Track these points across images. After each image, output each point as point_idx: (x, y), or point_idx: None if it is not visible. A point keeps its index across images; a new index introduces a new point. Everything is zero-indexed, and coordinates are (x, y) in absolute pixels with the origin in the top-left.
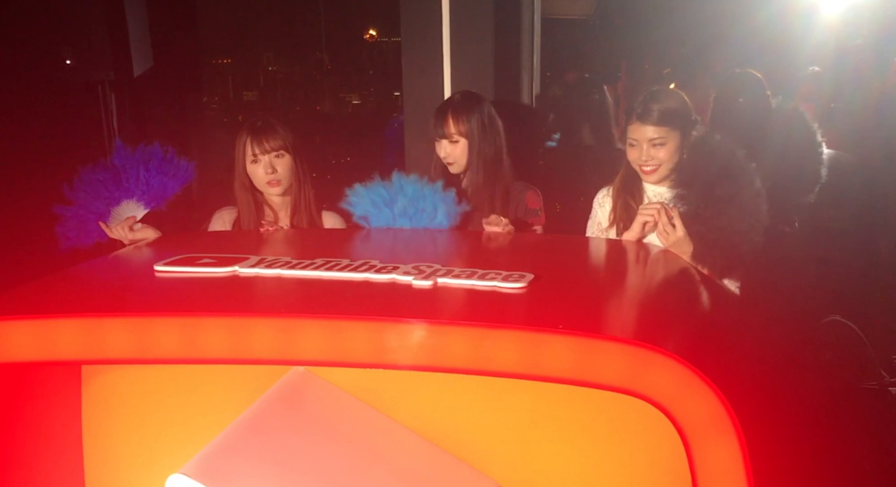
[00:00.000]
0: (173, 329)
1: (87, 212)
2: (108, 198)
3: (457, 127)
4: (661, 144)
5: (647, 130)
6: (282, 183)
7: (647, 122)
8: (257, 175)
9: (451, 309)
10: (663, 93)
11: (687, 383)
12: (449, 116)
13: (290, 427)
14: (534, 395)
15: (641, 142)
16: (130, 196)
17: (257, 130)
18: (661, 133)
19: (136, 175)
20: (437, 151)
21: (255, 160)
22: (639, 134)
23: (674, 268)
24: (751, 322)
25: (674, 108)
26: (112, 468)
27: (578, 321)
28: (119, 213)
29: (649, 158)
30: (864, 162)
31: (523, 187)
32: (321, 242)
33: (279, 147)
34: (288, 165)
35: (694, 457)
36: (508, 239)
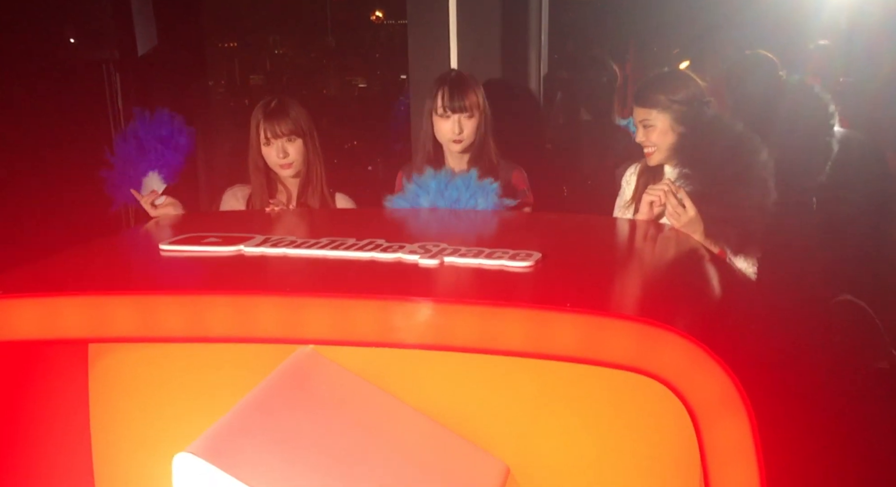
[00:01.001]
0: (178, 308)
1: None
2: (136, 166)
3: (475, 100)
4: (651, 127)
5: (639, 112)
6: (294, 166)
7: (637, 104)
8: (270, 157)
9: (457, 288)
10: (666, 76)
11: (696, 360)
12: (468, 88)
13: (297, 406)
14: (541, 374)
15: (637, 124)
16: (152, 168)
17: (270, 112)
18: (649, 116)
19: (153, 146)
20: (445, 128)
21: (267, 143)
22: (635, 116)
23: (683, 247)
24: (761, 301)
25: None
26: (119, 446)
27: (586, 300)
28: (146, 184)
29: (644, 139)
30: (876, 140)
31: (509, 167)
32: (327, 221)
33: (291, 131)
34: (300, 148)
35: (703, 436)
36: (516, 218)
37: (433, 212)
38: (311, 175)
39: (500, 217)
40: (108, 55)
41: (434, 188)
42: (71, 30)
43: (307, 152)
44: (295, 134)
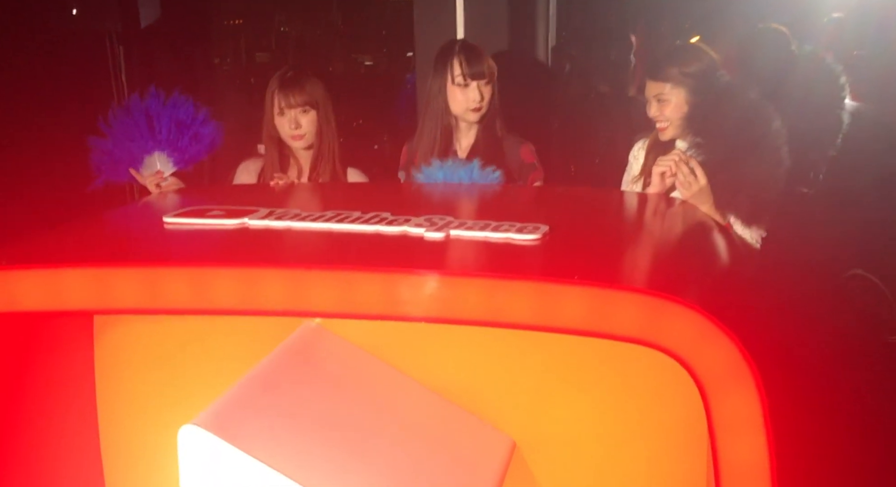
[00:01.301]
0: (182, 280)
1: (121, 151)
2: (142, 144)
3: (491, 65)
4: (665, 101)
5: (653, 87)
6: (306, 138)
7: (653, 78)
8: (283, 128)
9: (463, 261)
10: (682, 50)
11: (705, 333)
12: (482, 54)
13: (303, 380)
14: (548, 348)
15: (650, 98)
16: (161, 148)
17: (285, 82)
18: (664, 90)
19: (167, 128)
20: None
21: (281, 113)
22: (648, 90)
23: (692, 219)
24: (770, 274)
25: (683, 65)
26: (125, 418)
27: (594, 272)
28: (150, 163)
29: (657, 114)
30: (888, 113)
31: (517, 142)
32: (332, 194)
33: (305, 102)
34: (313, 120)
35: (712, 408)
36: (523, 191)
37: (440, 186)
38: (323, 149)
39: (507, 191)
40: (110, 27)
41: (441, 179)
42: (73, 1)
43: (320, 125)
44: (309, 105)
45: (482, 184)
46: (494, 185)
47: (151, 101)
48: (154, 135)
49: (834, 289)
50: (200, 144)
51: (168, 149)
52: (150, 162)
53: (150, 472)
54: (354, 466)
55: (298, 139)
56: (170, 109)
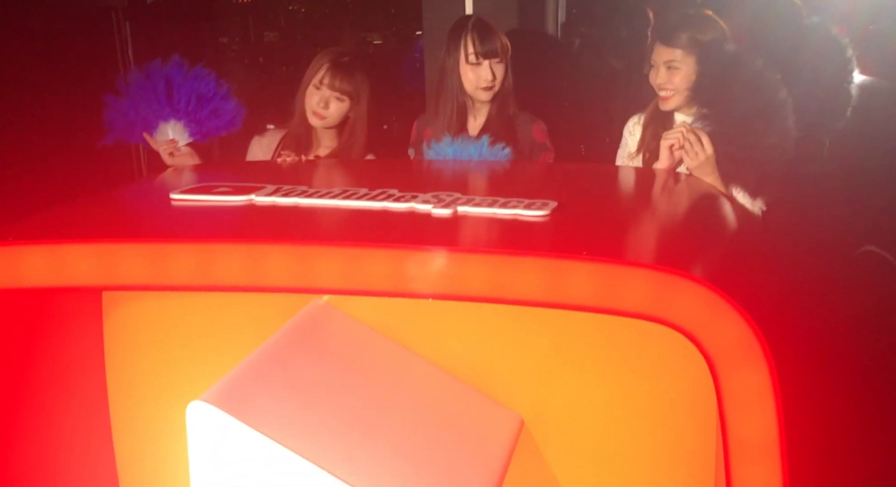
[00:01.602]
0: (188, 256)
1: (135, 113)
2: (158, 110)
3: (503, 43)
4: (675, 68)
5: (664, 52)
6: (326, 121)
7: (666, 43)
8: (311, 100)
9: (470, 237)
10: (694, 18)
11: (714, 308)
12: (495, 31)
13: (311, 357)
14: (555, 325)
15: (659, 64)
16: (179, 118)
17: (338, 65)
18: (676, 56)
19: (187, 99)
20: (476, 75)
21: (318, 87)
22: (657, 56)
23: (701, 194)
24: (781, 249)
25: (697, 32)
26: (135, 394)
27: (602, 248)
28: (164, 130)
29: (665, 81)
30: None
31: (529, 120)
32: (340, 172)
33: (345, 91)
34: (343, 110)
35: (721, 385)
36: (532, 167)
37: (448, 163)
38: (352, 138)
39: (515, 167)
40: (116, 2)
41: (451, 155)
42: None
43: (352, 118)
44: (348, 96)
45: (491, 161)
46: (503, 161)
47: (173, 69)
48: (172, 103)
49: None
50: (220, 119)
51: (185, 119)
52: (164, 129)
53: (160, 448)
54: (362, 443)
55: (319, 118)
56: (191, 80)
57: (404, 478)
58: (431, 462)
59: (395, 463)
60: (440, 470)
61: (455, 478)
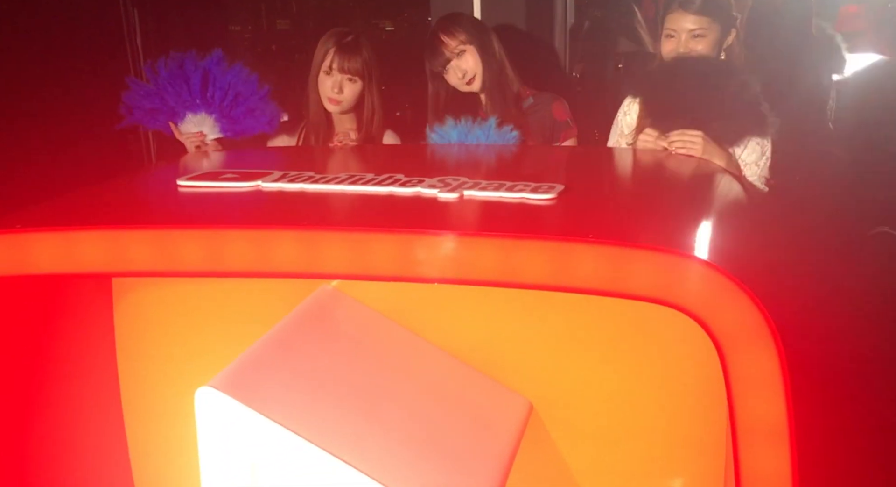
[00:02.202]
0: (195, 242)
1: (161, 101)
2: (189, 101)
3: (456, 39)
4: (700, 36)
5: (688, 20)
6: (342, 104)
7: (689, 9)
8: (324, 86)
9: (477, 221)
10: None
11: (722, 290)
12: (441, 36)
13: (319, 343)
14: (564, 309)
15: (680, 32)
16: (210, 112)
17: (344, 45)
18: (703, 23)
19: (222, 95)
20: (451, 80)
21: (328, 72)
22: (678, 23)
23: (710, 177)
24: (791, 231)
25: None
26: (146, 380)
27: (610, 231)
28: (193, 121)
29: (688, 50)
30: None
31: (548, 99)
32: (346, 157)
33: (355, 71)
34: (356, 90)
35: (729, 368)
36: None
37: (455, 147)
38: (371, 120)
39: (522, 150)
40: None
41: (455, 138)
42: None
43: (370, 97)
44: (359, 76)
45: (498, 144)
46: (509, 145)
47: (212, 62)
48: (206, 96)
49: (858, 246)
50: (256, 120)
51: (217, 114)
52: (192, 120)
53: (171, 433)
54: (371, 428)
55: (335, 104)
56: (231, 76)
57: (413, 463)
58: (440, 446)
59: (403, 448)
60: (449, 455)
61: (464, 462)
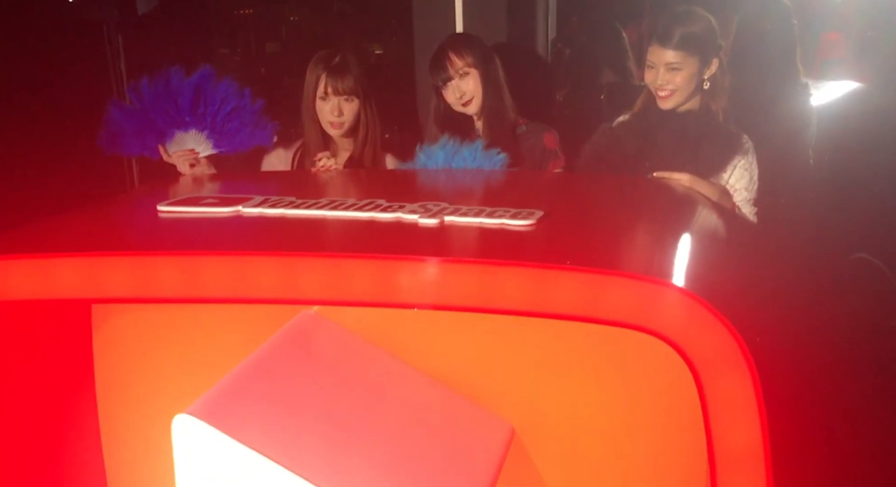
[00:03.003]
0: (174, 268)
1: (147, 122)
2: (177, 119)
3: (463, 60)
4: (677, 69)
5: (666, 54)
6: (344, 126)
7: (667, 45)
8: (323, 112)
9: (456, 246)
10: (687, 14)
11: (697, 317)
12: (450, 53)
13: (299, 368)
14: (544, 333)
15: (659, 65)
16: (202, 128)
17: (333, 68)
18: (679, 58)
19: (214, 111)
20: (449, 97)
21: (324, 98)
22: (657, 57)
23: (688, 203)
24: (768, 258)
25: (696, 32)
26: (125, 407)
27: (587, 257)
28: (184, 140)
29: (665, 81)
30: None
31: (540, 128)
32: (328, 182)
33: (351, 91)
34: (355, 109)
35: (706, 394)
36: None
37: (437, 172)
38: (367, 137)
39: (504, 176)
40: (107, 15)
41: (442, 159)
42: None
43: (364, 114)
44: (354, 94)
45: (481, 169)
46: (494, 170)
47: (202, 78)
48: (196, 113)
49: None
50: (251, 134)
51: (210, 130)
52: (182, 139)
53: (149, 460)
54: (351, 454)
55: (338, 127)
56: (222, 90)
57: None
58: (422, 472)
59: (384, 474)
60: (431, 480)
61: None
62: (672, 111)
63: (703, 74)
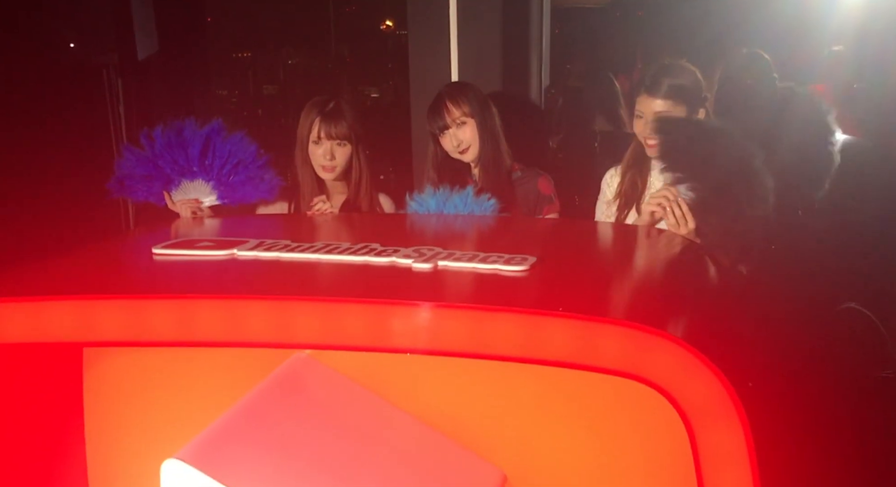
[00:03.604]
0: (167, 311)
1: (156, 169)
2: (185, 168)
3: (460, 109)
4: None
5: (655, 104)
6: (336, 170)
7: (655, 95)
8: (315, 156)
9: (449, 292)
10: (675, 67)
11: (689, 367)
12: (447, 102)
13: (290, 412)
14: (537, 379)
15: (647, 115)
16: (208, 179)
17: (327, 113)
18: (667, 107)
19: (221, 163)
20: (446, 145)
21: (317, 142)
22: (645, 107)
23: (680, 251)
24: (759, 307)
25: (683, 83)
26: (115, 450)
27: (579, 304)
28: (189, 189)
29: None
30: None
31: (535, 174)
32: (323, 226)
33: (343, 136)
34: (347, 154)
35: (697, 443)
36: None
37: (431, 217)
38: (361, 182)
39: (497, 221)
40: (108, 60)
41: (433, 206)
42: (71, 34)
43: (357, 159)
44: (347, 139)
45: (474, 215)
46: (488, 215)
47: (213, 130)
48: (203, 163)
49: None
50: (255, 187)
51: (216, 181)
52: (187, 187)
53: None
54: None
55: (329, 171)
56: (231, 144)
57: None
58: None
59: None
60: None
61: None
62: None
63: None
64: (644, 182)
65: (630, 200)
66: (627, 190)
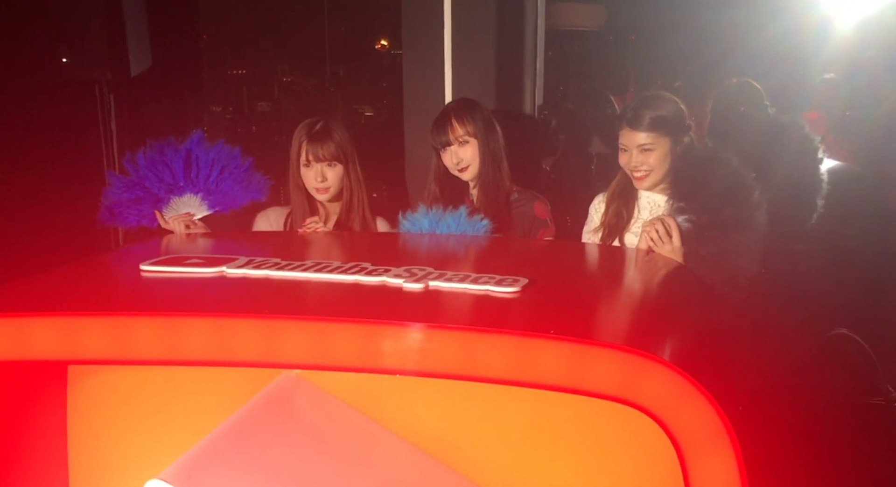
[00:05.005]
0: (153, 330)
1: (143, 191)
2: (172, 185)
3: (464, 128)
4: (649, 150)
5: (638, 136)
6: (329, 191)
7: (637, 128)
8: (308, 179)
9: (440, 313)
10: (655, 98)
11: (681, 392)
12: (453, 119)
13: (276, 432)
14: (527, 403)
15: (631, 148)
16: (196, 191)
17: (314, 135)
18: (651, 139)
19: (207, 173)
20: (446, 161)
21: (308, 164)
22: (629, 140)
23: (673, 276)
24: (751, 333)
25: (665, 114)
26: (97, 470)
27: (571, 327)
28: (179, 204)
29: (639, 163)
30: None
31: (531, 197)
32: (315, 244)
33: (332, 156)
34: (339, 174)
35: (689, 468)
36: (506, 243)
37: (423, 236)
38: (353, 201)
39: (490, 242)
40: (100, 75)
41: (426, 226)
42: (63, 49)
43: (348, 179)
44: (336, 160)
45: (466, 235)
46: (478, 236)
47: (193, 142)
48: (189, 177)
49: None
50: (245, 189)
51: (204, 192)
52: (177, 204)
53: None
54: None
55: (323, 193)
56: (213, 152)
57: None
58: None
59: None
60: None
61: None
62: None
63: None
64: (630, 213)
65: (614, 231)
66: (612, 220)
